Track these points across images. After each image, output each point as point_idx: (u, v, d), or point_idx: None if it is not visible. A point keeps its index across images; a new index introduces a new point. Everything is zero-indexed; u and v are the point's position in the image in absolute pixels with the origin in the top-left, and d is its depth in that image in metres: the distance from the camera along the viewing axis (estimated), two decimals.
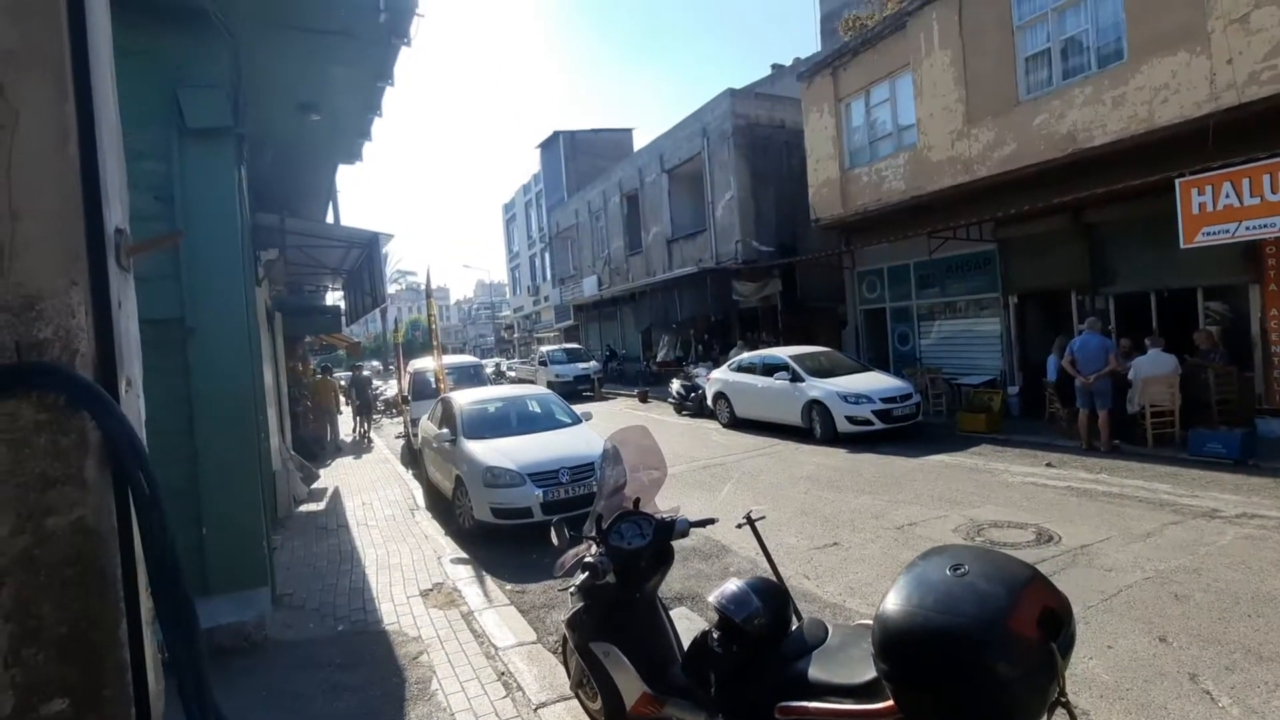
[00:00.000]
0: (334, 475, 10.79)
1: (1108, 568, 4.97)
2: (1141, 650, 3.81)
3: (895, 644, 1.73)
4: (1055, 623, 1.67)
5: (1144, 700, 3.36)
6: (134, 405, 1.30)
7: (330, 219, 11.67)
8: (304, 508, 8.54)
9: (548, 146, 35.16)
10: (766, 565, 3.03)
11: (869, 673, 1.96)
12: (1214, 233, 7.74)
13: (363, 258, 9.88)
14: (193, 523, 4.65)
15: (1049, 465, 8.19)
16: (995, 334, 12.31)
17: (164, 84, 4.56)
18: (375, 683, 3.91)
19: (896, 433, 10.41)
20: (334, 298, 16.06)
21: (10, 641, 1.01)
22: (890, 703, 1.81)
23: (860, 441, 10.23)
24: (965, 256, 12.49)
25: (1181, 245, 8.06)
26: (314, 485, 9.78)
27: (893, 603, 1.79)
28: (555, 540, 3.00)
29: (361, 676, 3.99)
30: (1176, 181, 7.98)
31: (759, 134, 18.48)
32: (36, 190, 1.06)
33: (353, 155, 8.23)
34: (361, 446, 14.65)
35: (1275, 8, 7.50)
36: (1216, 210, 7.65)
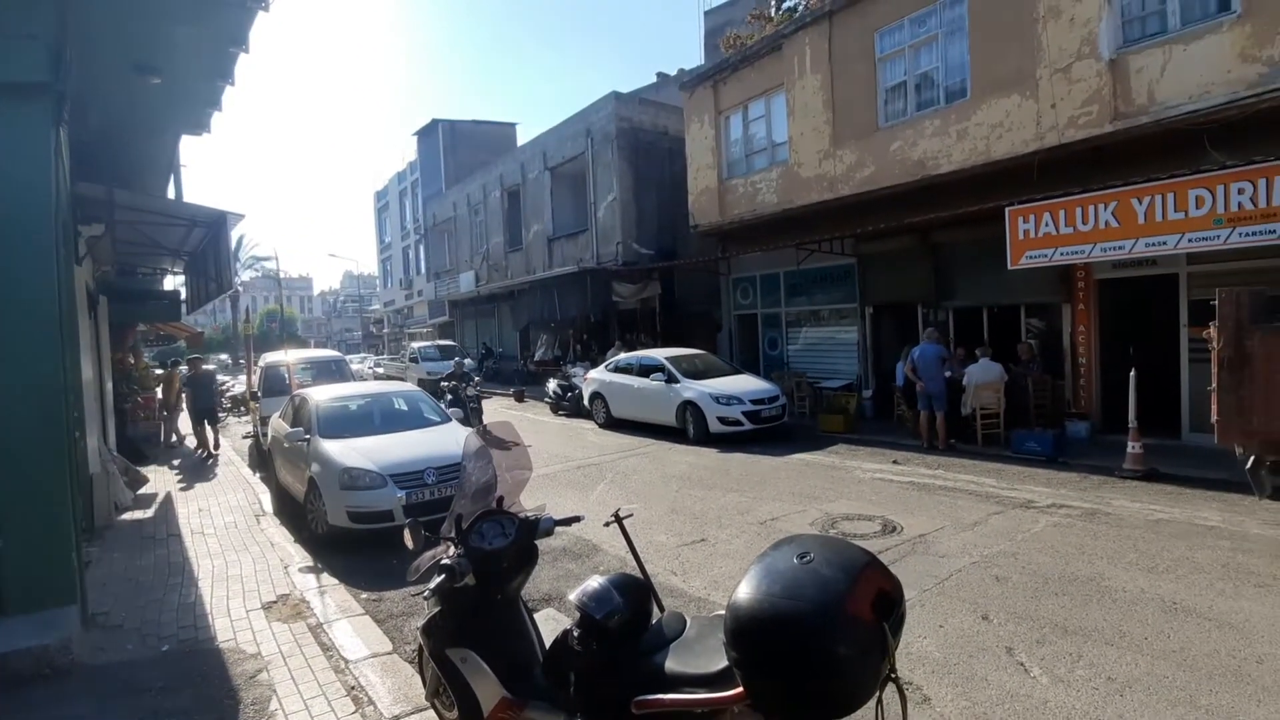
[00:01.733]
0: (167, 479, 9.68)
1: (941, 554, 5.47)
2: (967, 628, 4.21)
3: (744, 631, 1.77)
4: (888, 604, 1.77)
5: (968, 673, 3.71)
6: None
7: (171, 195, 10.49)
8: (128, 515, 7.58)
9: (426, 135, 33.73)
10: (634, 564, 3.04)
11: (721, 661, 1.99)
12: (1035, 256, 8.79)
13: (208, 239, 8.92)
14: None
15: (895, 463, 8.92)
16: (853, 341, 13.25)
17: None
18: (204, 708, 3.51)
19: (764, 433, 10.92)
20: (174, 283, 14.43)
21: None
22: (739, 690, 1.85)
23: (731, 441, 10.62)
24: (829, 269, 13.34)
25: (1009, 266, 9.07)
26: (141, 490, 8.72)
27: (743, 591, 1.83)
28: (410, 542, 2.84)
29: (187, 701, 3.57)
30: (1006, 210, 8.98)
31: (642, 139, 18.76)
32: None
33: (199, 125, 7.42)
34: (204, 462, 11.39)
35: (1093, 60, 8.62)
36: (1038, 236, 8.69)
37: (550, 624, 3.11)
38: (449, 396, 13.87)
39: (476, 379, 18.35)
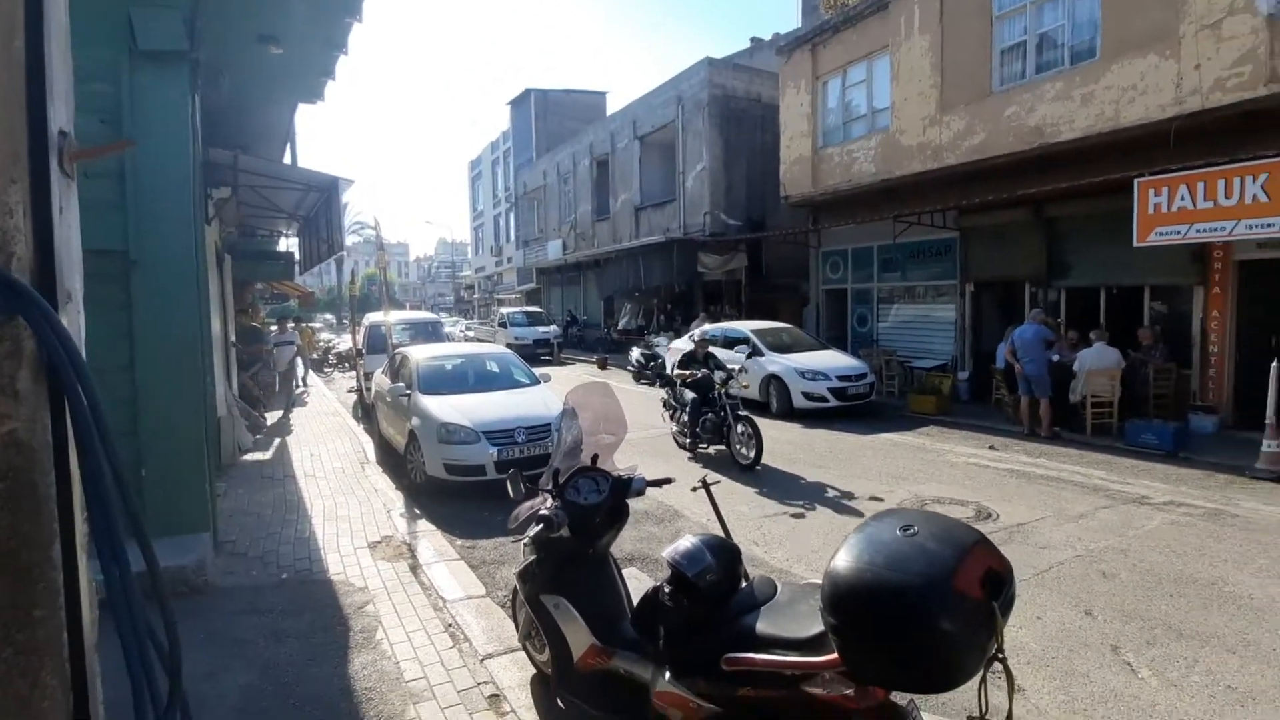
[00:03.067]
0: (280, 427, 10.50)
1: (1041, 545, 5.21)
2: (1068, 622, 4.02)
3: (844, 599, 1.77)
4: (997, 583, 1.72)
5: (1068, 668, 3.54)
6: (75, 319, 1.22)
7: (287, 161, 11.19)
8: (249, 457, 8.31)
9: (519, 104, 34.27)
10: (719, 530, 3.07)
11: (815, 627, 2.00)
12: (1166, 233, 8.03)
13: (320, 203, 9.50)
14: (132, 464, 4.47)
15: (991, 448, 8.50)
16: (950, 320, 12.62)
17: (116, 0, 4.25)
18: (319, 630, 3.86)
19: (850, 410, 10.65)
20: (288, 244, 15.46)
21: None
22: (835, 655, 1.85)
23: (815, 417, 10.43)
24: (927, 243, 12.70)
25: (1135, 243, 8.34)
26: (260, 435, 9.51)
27: (843, 560, 1.82)
28: (511, 492, 2.98)
29: (305, 623, 3.93)
30: (1135, 181, 8.22)
31: (734, 106, 18.33)
32: None
33: (314, 94, 7.83)
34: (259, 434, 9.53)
35: (1248, 15, 7.68)
36: (1170, 211, 7.93)
37: (633, 582, 3.19)
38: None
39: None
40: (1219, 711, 3.19)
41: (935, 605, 1.64)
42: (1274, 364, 6.99)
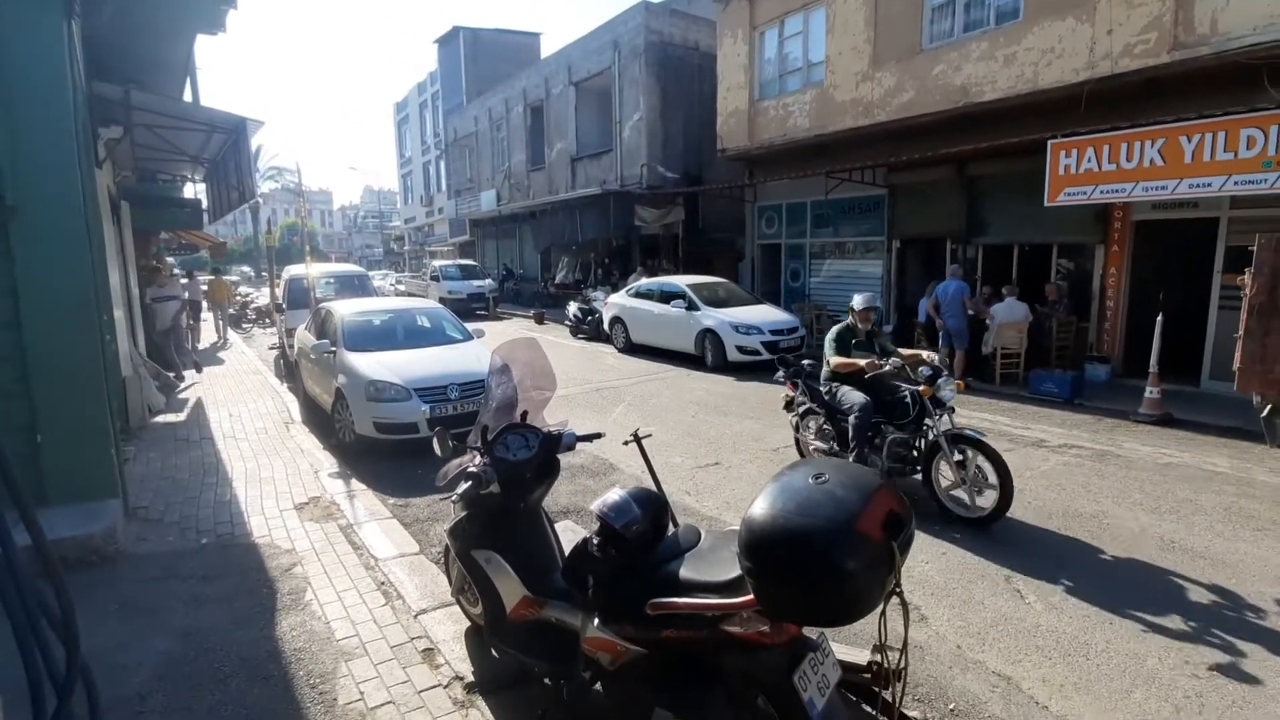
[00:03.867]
0: (196, 386, 9.99)
1: None
2: (969, 557, 4.35)
3: (759, 544, 1.86)
4: (897, 524, 1.85)
5: (966, 597, 3.86)
6: None
7: (188, 99, 10.33)
8: (161, 418, 7.89)
9: (446, 43, 32.54)
10: (651, 483, 3.15)
11: (733, 571, 2.11)
12: (1074, 193, 8.48)
13: (228, 145, 8.84)
14: (25, 428, 4.19)
15: None
16: (877, 275, 13.05)
17: None
18: (243, 594, 3.78)
19: (782, 364, 10.92)
20: (195, 191, 14.43)
21: None
22: (750, 596, 1.97)
23: (748, 370, 10.70)
24: (858, 199, 12.99)
25: (1046, 203, 8.78)
26: (172, 395, 9.03)
27: (759, 507, 1.91)
28: (439, 450, 2.96)
29: (228, 588, 3.84)
30: (1049, 142, 8.60)
31: (672, 54, 17.98)
32: None
33: (214, 24, 7.19)
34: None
35: None
36: (1079, 173, 8.36)
37: (568, 535, 3.26)
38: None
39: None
40: (1090, 629, 3.55)
41: (840, 547, 1.75)
42: (1159, 318, 7.58)
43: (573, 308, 16.13)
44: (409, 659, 3.18)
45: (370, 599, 3.74)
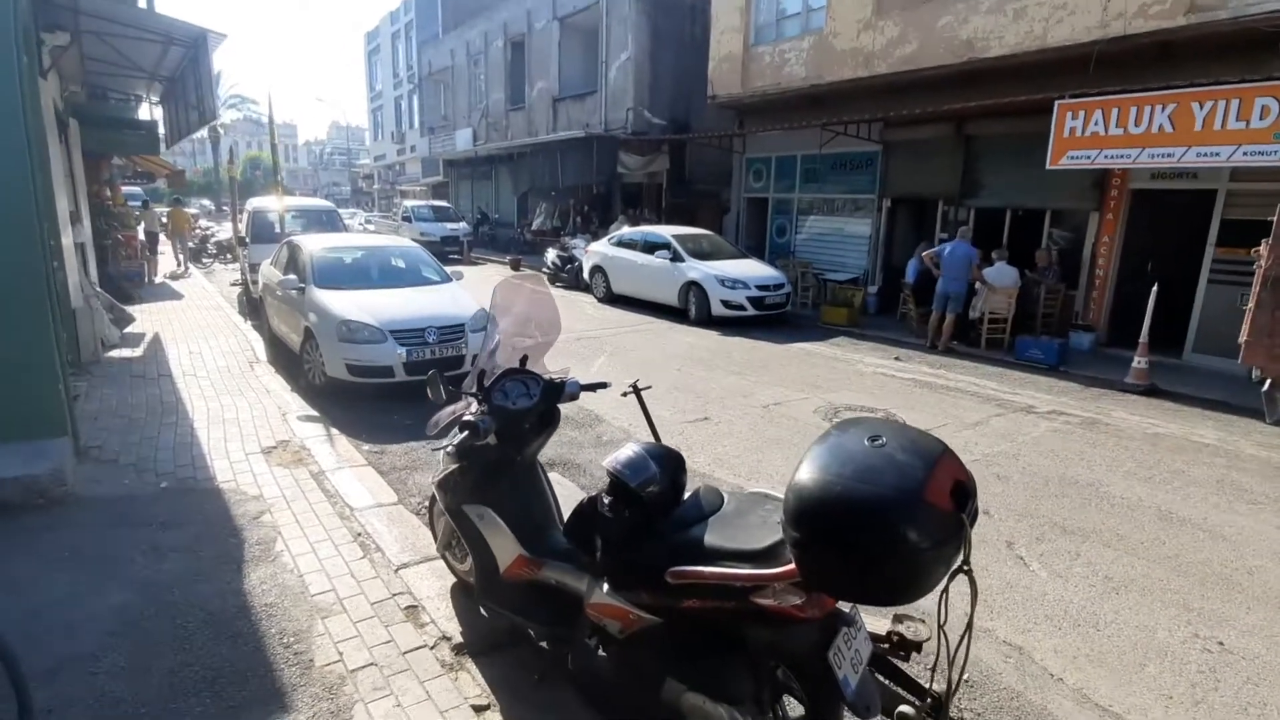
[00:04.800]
0: (153, 321, 9.43)
1: None
2: None
3: (811, 512, 1.65)
4: (964, 495, 1.65)
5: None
6: None
7: (143, 5, 9.44)
8: (116, 353, 7.39)
9: None
10: (639, 435, 2.92)
11: (767, 539, 1.91)
12: (1077, 157, 8.29)
13: (186, 61, 8.11)
14: None
15: (897, 359, 8.87)
16: (865, 234, 12.83)
17: None
18: (207, 543, 3.49)
19: (766, 319, 10.78)
20: (151, 112, 13.39)
21: None
22: (790, 567, 1.76)
23: (732, 325, 10.49)
24: (851, 155, 12.65)
25: (1047, 165, 8.58)
26: (128, 329, 8.49)
27: (808, 472, 1.69)
28: (431, 395, 2.68)
29: (190, 536, 3.54)
30: (1055, 103, 8.35)
31: None
32: None
33: None
34: None
35: None
36: (1085, 136, 8.14)
37: (557, 489, 3.03)
38: None
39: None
40: (1097, 599, 3.49)
41: (907, 518, 1.55)
42: (1154, 288, 7.52)
43: (551, 255, 15.66)
44: (391, 617, 2.96)
45: (346, 551, 3.48)
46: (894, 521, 1.55)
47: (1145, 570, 3.79)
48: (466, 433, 2.44)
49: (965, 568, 1.63)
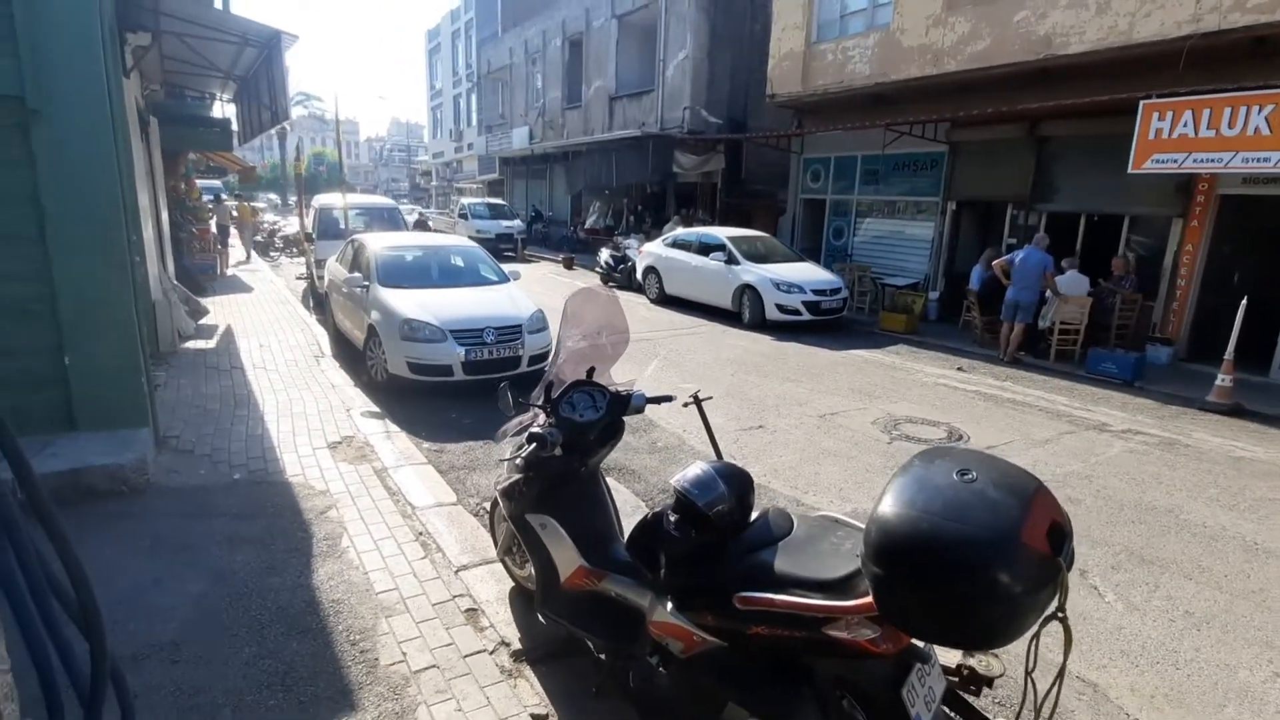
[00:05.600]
0: (225, 313, 9.85)
1: None
2: None
3: (896, 549, 1.58)
4: (1060, 536, 1.57)
5: None
6: None
7: (219, 6, 9.85)
8: (191, 344, 7.75)
9: None
10: (694, 442, 2.88)
11: (842, 569, 1.85)
12: (1163, 160, 7.83)
13: (260, 61, 8.41)
14: (51, 350, 4.00)
15: (960, 369, 8.56)
16: (927, 238, 12.44)
17: None
18: (278, 536, 3.61)
19: (822, 324, 10.57)
20: (224, 110, 13.97)
21: None
22: (867, 600, 1.70)
23: (787, 330, 10.32)
24: (914, 156, 12.28)
25: (1130, 169, 8.13)
26: (202, 321, 8.88)
27: (892, 505, 1.63)
28: (502, 406, 2.70)
29: (262, 529, 3.67)
30: (1141, 103, 7.91)
31: None
32: None
33: None
34: None
35: None
36: (1172, 138, 7.69)
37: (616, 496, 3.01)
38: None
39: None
40: (1177, 635, 3.29)
41: (1002, 561, 1.47)
42: (1243, 301, 7.06)
43: (604, 254, 15.70)
44: (451, 619, 3.00)
45: (409, 550, 3.56)
46: (987, 565, 1.47)
47: (1228, 605, 3.56)
48: (534, 445, 2.45)
49: (1060, 614, 1.54)
